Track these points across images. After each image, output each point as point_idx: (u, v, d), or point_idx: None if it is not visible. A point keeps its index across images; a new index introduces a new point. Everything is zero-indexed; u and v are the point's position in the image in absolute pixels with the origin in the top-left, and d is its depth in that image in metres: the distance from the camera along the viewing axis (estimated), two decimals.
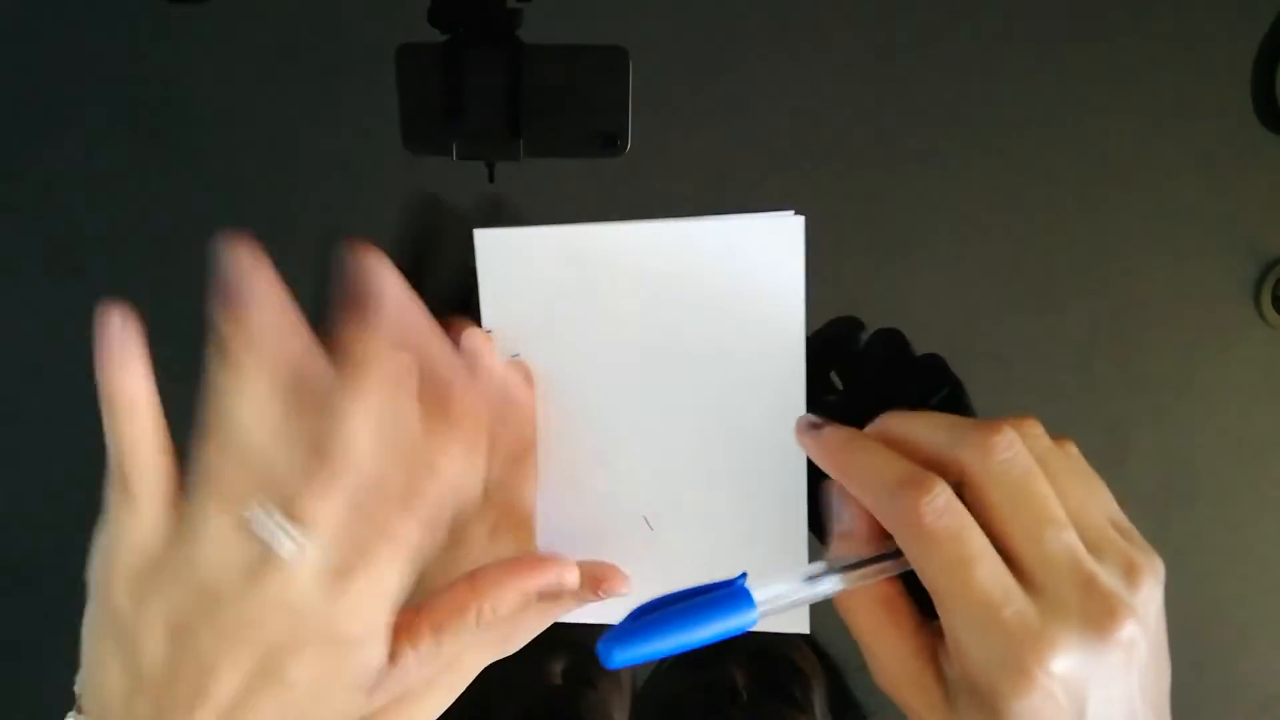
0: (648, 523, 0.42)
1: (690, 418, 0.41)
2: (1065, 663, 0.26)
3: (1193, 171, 0.41)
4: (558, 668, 0.44)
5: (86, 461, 0.43)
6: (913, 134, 0.41)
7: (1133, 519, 0.44)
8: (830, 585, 0.31)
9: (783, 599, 0.30)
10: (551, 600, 0.36)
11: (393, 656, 0.33)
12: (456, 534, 0.35)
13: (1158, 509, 0.44)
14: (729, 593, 0.30)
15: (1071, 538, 0.28)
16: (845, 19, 0.40)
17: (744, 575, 0.31)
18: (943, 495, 0.28)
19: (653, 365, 0.41)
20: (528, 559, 0.35)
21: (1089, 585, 0.27)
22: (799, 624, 0.42)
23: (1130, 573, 0.29)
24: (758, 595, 0.30)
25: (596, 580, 0.37)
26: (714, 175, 0.41)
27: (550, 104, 0.39)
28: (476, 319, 0.41)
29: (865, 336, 0.41)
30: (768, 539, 0.42)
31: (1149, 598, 0.29)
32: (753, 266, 0.40)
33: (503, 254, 0.40)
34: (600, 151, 0.40)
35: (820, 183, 0.41)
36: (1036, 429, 0.30)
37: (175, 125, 0.40)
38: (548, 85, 0.39)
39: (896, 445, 0.31)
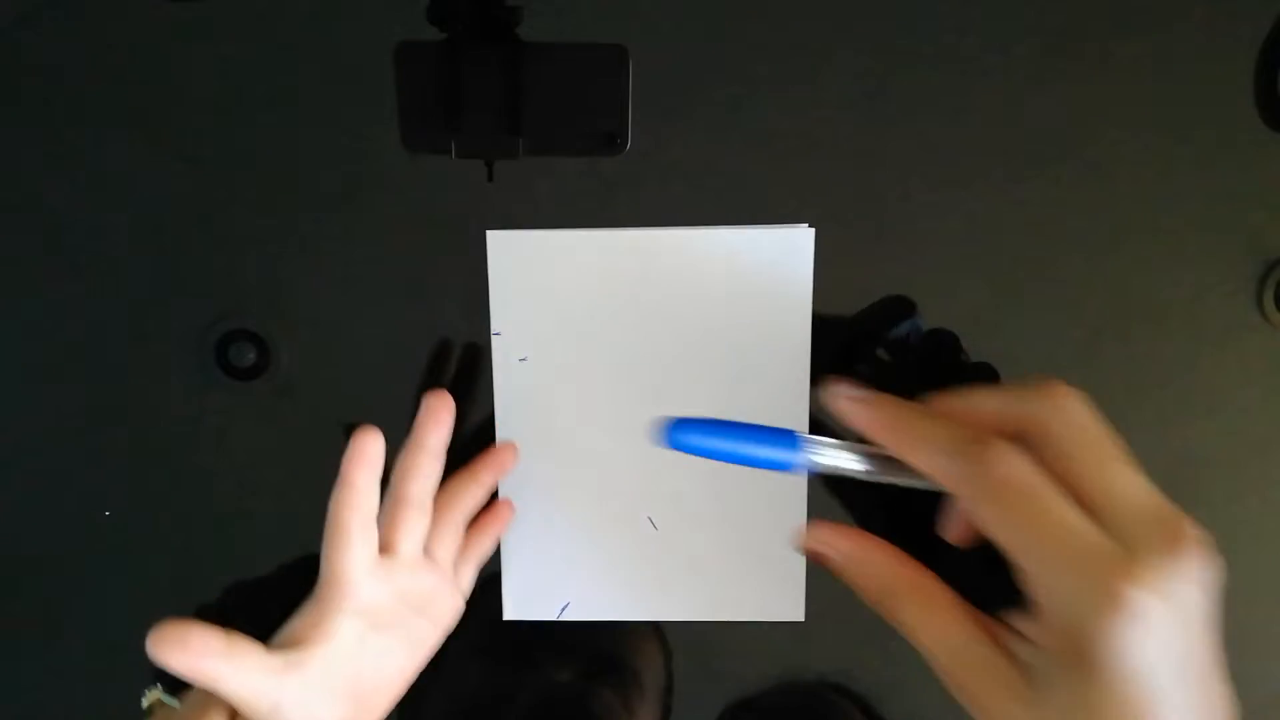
0: (651, 523, 0.42)
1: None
2: (1152, 586, 0.26)
3: (1195, 170, 0.41)
4: (565, 669, 0.44)
5: (86, 462, 0.43)
6: (914, 134, 0.40)
7: None
8: (870, 466, 0.31)
9: (829, 455, 0.31)
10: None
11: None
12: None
13: None
14: (780, 431, 0.32)
15: (1138, 474, 0.28)
16: (845, 18, 0.40)
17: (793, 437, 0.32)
18: (1008, 450, 0.27)
19: (658, 369, 0.41)
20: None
21: (1162, 517, 0.27)
22: (794, 612, 0.42)
23: (1186, 520, 0.28)
24: (805, 443, 0.31)
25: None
26: (713, 174, 0.40)
27: (550, 102, 0.39)
28: (484, 319, 0.41)
29: (912, 327, 0.41)
30: (768, 542, 0.42)
31: (1207, 555, 0.28)
32: (762, 276, 0.40)
33: (514, 256, 0.40)
34: (600, 150, 0.40)
35: (820, 181, 0.41)
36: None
37: (174, 124, 0.40)
38: (547, 84, 0.39)
39: (951, 416, 0.30)
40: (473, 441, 0.42)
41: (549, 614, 0.42)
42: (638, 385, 0.41)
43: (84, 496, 0.43)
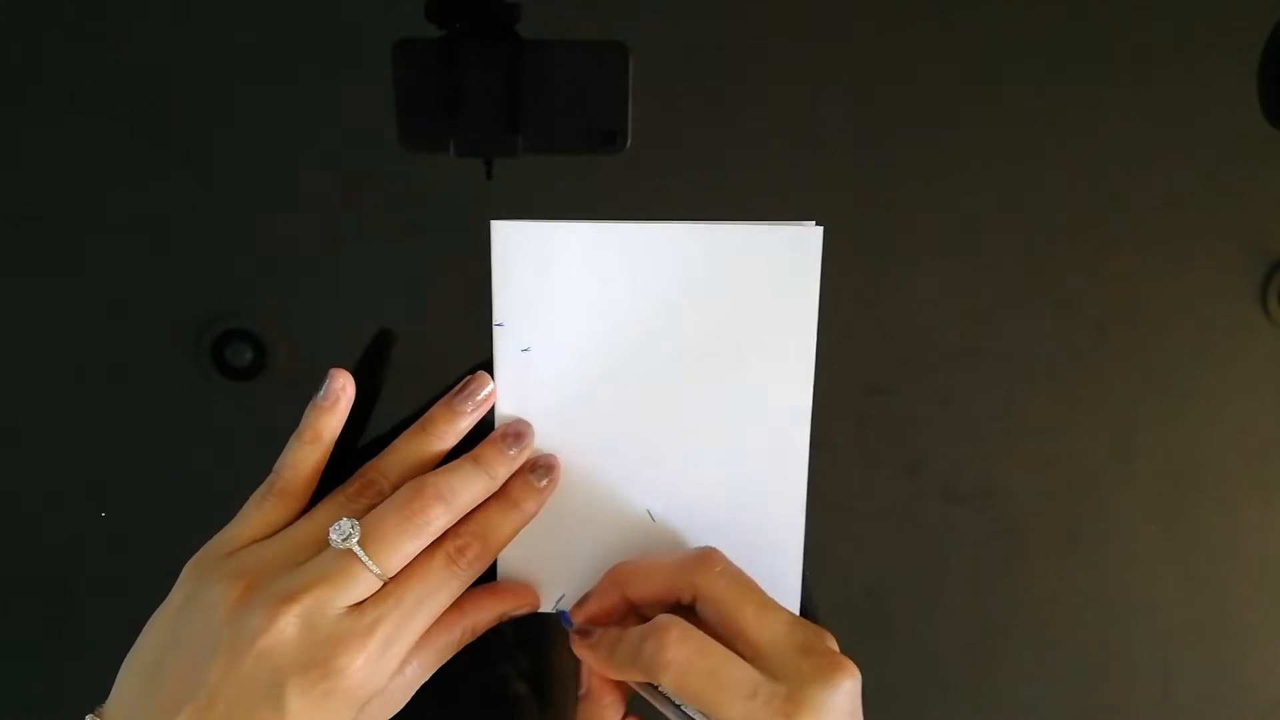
0: (651, 515, 0.42)
1: (697, 415, 0.42)
2: (811, 715, 0.33)
3: (1198, 169, 0.41)
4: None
5: (82, 461, 0.43)
6: (915, 133, 0.40)
7: (1137, 520, 0.44)
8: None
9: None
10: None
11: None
12: None
13: (1163, 510, 0.44)
14: None
15: (780, 611, 0.36)
16: (846, 16, 0.40)
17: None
18: (676, 629, 0.34)
19: (662, 362, 0.41)
20: (505, 586, 0.42)
21: (810, 648, 0.34)
22: (790, 605, 0.42)
23: (829, 643, 0.35)
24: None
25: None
26: (713, 172, 0.40)
27: (549, 100, 0.39)
28: (484, 318, 0.41)
29: None
30: (766, 534, 0.42)
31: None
32: (769, 273, 0.40)
33: (518, 246, 0.40)
34: (599, 148, 0.40)
35: (821, 179, 0.40)
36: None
37: (172, 123, 0.40)
38: (547, 81, 0.39)
39: (635, 584, 0.38)
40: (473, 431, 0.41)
41: (544, 605, 0.42)
42: (640, 378, 0.41)
43: (80, 496, 0.43)
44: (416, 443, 0.39)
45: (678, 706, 0.35)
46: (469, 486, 0.37)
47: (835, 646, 0.35)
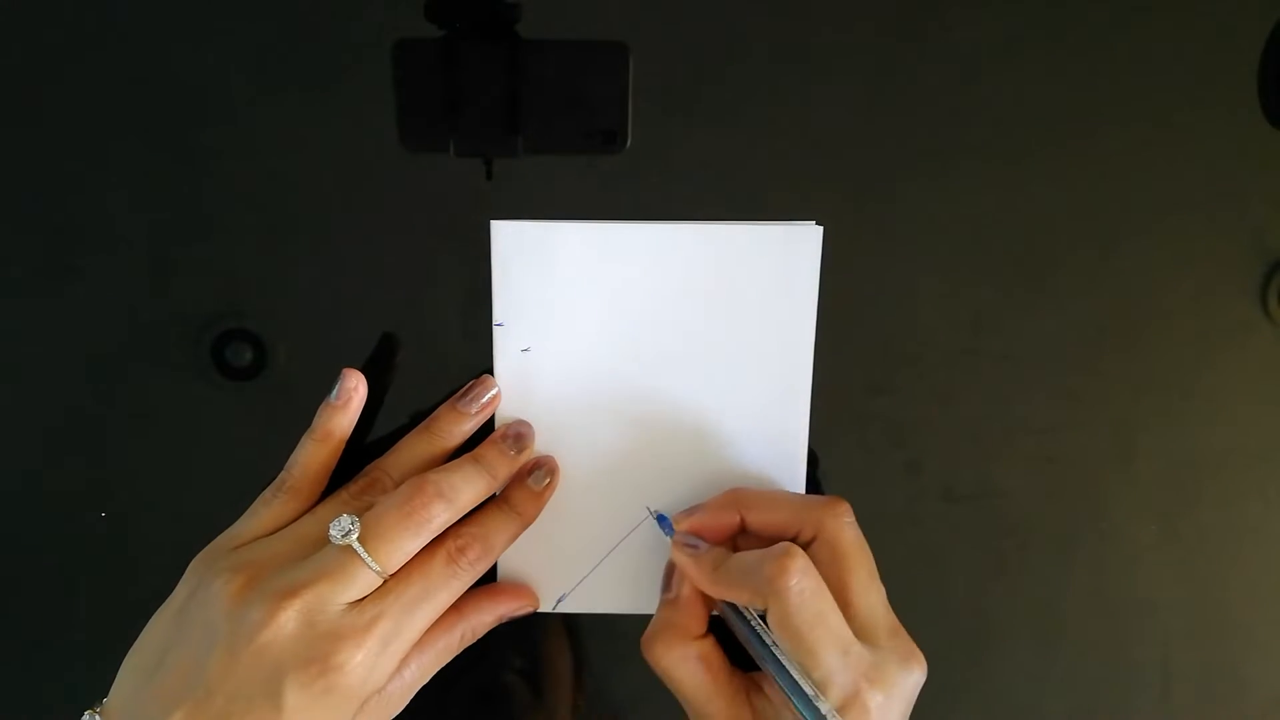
0: (650, 512, 0.42)
1: (696, 415, 0.42)
2: (885, 691, 0.34)
3: (1199, 169, 0.41)
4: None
5: (82, 461, 0.43)
6: (916, 133, 0.40)
7: (1138, 521, 0.44)
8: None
9: None
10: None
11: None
12: None
13: (1163, 510, 0.44)
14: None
15: (882, 590, 0.37)
16: (847, 16, 0.40)
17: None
18: (801, 560, 0.34)
19: (662, 362, 0.41)
20: (504, 587, 0.41)
21: (897, 632, 0.36)
22: None
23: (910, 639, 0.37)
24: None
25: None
26: (714, 172, 0.40)
27: (549, 100, 0.39)
28: (484, 318, 0.41)
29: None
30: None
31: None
32: (768, 272, 0.40)
33: (518, 246, 0.40)
34: (599, 148, 0.40)
35: (822, 179, 0.40)
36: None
37: (173, 123, 0.40)
38: (546, 81, 0.39)
39: (758, 509, 0.38)
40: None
41: (544, 606, 0.42)
42: (639, 378, 0.41)
43: (80, 496, 0.43)
44: (421, 443, 0.39)
45: (761, 639, 0.35)
46: (470, 485, 0.37)
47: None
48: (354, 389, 0.39)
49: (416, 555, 0.36)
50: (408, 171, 0.40)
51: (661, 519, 0.40)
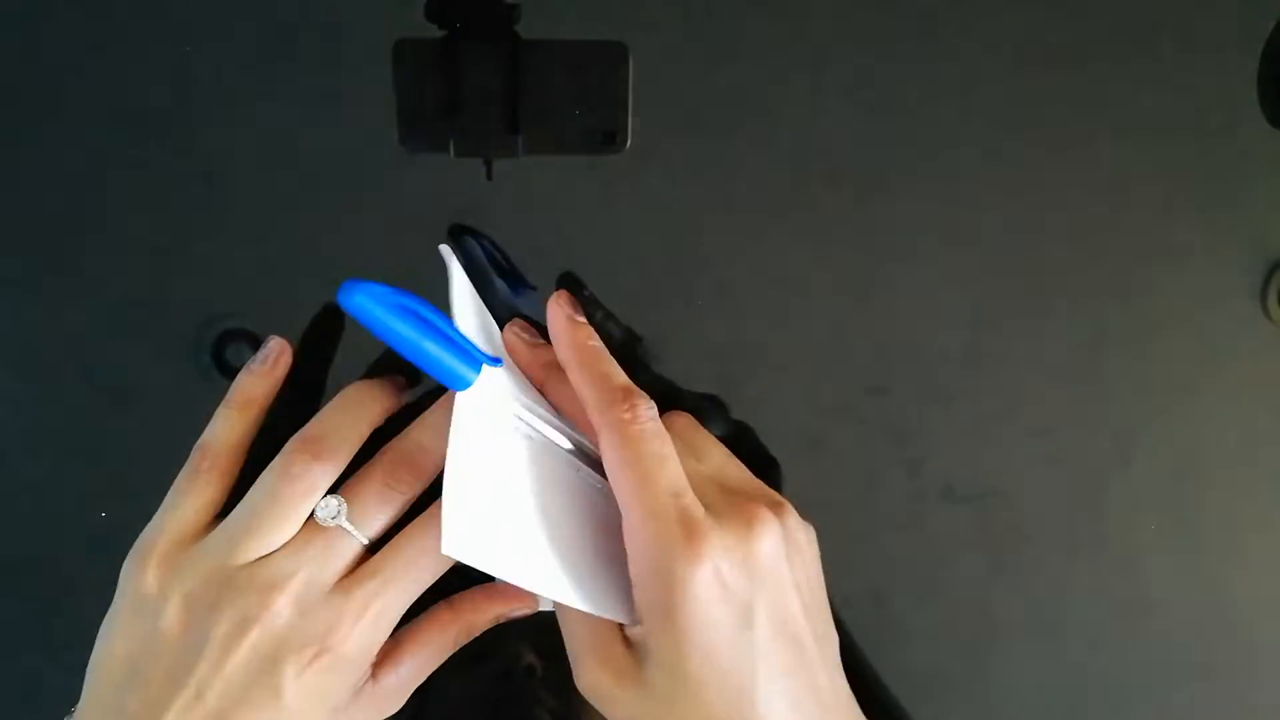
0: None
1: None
2: (724, 550, 0.31)
3: (1198, 170, 0.41)
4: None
5: (82, 462, 0.43)
6: (916, 133, 0.40)
7: (1137, 520, 0.44)
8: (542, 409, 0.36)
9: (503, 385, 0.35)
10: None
11: (374, 677, 0.36)
12: None
13: (1163, 510, 0.44)
14: (469, 351, 0.34)
15: (725, 464, 0.35)
16: (847, 14, 0.40)
17: (498, 361, 0.36)
18: (652, 409, 0.33)
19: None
20: (502, 587, 0.39)
21: (749, 494, 0.33)
22: None
23: (771, 503, 0.33)
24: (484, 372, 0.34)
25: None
26: (714, 172, 0.40)
27: (549, 100, 0.39)
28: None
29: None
30: None
31: (794, 526, 0.34)
32: None
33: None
34: (599, 148, 0.40)
35: (822, 179, 0.40)
36: None
37: (173, 123, 0.40)
38: (546, 81, 0.39)
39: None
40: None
41: (541, 605, 0.42)
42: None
43: (80, 496, 0.43)
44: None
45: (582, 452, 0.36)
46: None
47: (789, 512, 0.34)
48: (279, 354, 0.38)
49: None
50: (408, 171, 0.40)
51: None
